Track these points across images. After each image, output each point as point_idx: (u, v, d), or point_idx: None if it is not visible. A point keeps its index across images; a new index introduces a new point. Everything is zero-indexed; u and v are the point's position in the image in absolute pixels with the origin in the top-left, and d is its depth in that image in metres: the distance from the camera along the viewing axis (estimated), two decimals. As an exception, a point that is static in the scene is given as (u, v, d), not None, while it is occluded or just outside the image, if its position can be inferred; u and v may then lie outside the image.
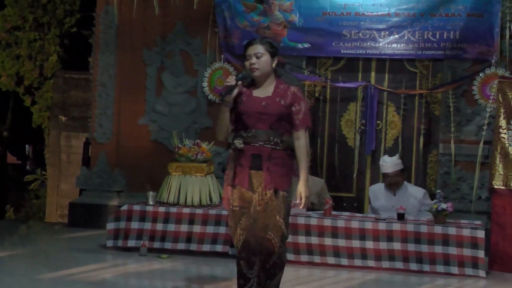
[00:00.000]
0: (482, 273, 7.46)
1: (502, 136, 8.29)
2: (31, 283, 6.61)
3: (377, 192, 8.75)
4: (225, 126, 5.25)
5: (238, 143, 5.17)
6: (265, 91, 5.27)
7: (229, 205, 5.24)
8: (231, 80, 5.16)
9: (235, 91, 5.16)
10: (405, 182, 8.73)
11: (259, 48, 5.24)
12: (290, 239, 7.64)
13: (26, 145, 23.59)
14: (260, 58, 5.23)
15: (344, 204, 9.35)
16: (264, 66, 5.25)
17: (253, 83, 5.32)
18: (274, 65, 5.32)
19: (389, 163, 8.65)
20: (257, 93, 5.27)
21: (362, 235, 7.65)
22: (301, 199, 5.19)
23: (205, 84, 10.11)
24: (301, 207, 5.27)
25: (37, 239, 10.26)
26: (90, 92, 11.06)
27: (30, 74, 14.22)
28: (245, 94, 5.25)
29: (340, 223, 7.73)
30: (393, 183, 8.59)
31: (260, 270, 5.11)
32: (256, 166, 5.13)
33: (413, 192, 8.61)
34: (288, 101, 5.22)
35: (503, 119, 8.31)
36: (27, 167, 21.66)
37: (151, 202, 8.33)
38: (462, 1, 9.36)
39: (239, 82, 5.18)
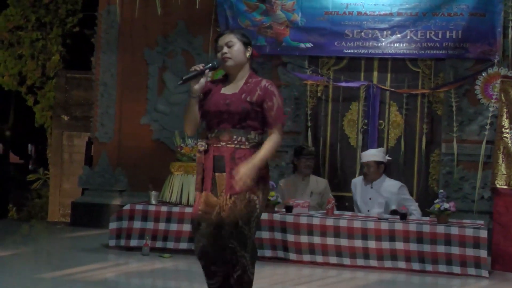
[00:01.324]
0: (484, 272, 7.44)
1: (504, 135, 8.28)
2: (33, 283, 6.61)
3: (357, 185, 8.83)
4: (193, 121, 4.88)
5: (200, 145, 4.83)
6: (235, 86, 4.84)
7: (195, 208, 4.87)
8: (198, 67, 4.77)
9: (202, 80, 4.78)
10: (384, 176, 8.73)
11: (230, 37, 4.83)
12: (292, 238, 7.70)
13: (29, 145, 23.60)
14: (231, 47, 4.81)
15: (347, 204, 9.34)
16: (236, 55, 4.81)
17: (226, 78, 4.94)
18: (248, 55, 4.87)
19: (367, 153, 8.81)
20: (226, 89, 4.86)
21: (365, 234, 7.64)
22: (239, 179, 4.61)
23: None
24: (237, 188, 4.64)
25: (39, 238, 10.27)
26: (92, 91, 11.08)
27: (33, 73, 14.24)
28: (213, 91, 4.89)
29: (343, 223, 7.72)
30: (365, 173, 8.68)
31: (223, 284, 4.79)
32: (220, 168, 4.75)
33: (388, 186, 8.63)
34: (256, 97, 4.74)
35: (506, 118, 8.29)
36: (30, 166, 21.66)
37: (153, 202, 8.33)
38: (465, 1, 9.35)
39: (206, 71, 4.78)
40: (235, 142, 4.75)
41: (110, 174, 10.49)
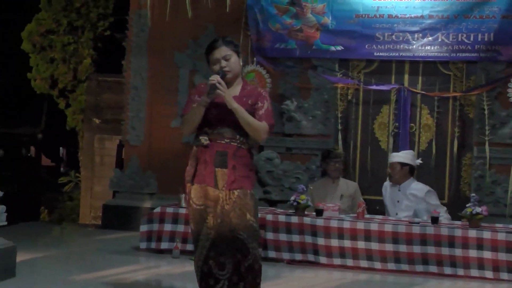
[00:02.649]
0: (517, 277, 7.39)
1: (537, 139, 8.20)
2: (64, 285, 6.65)
3: (387, 187, 8.81)
4: (196, 124, 5.01)
5: (204, 139, 4.99)
6: (233, 91, 5.04)
7: (190, 204, 5.04)
8: (215, 79, 4.90)
9: (218, 92, 4.91)
10: (412, 179, 8.71)
11: (225, 50, 5.02)
12: (322, 242, 7.69)
13: (60, 148, 23.77)
14: (229, 60, 5.02)
15: (377, 207, 9.29)
16: (234, 67, 5.04)
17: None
18: (241, 63, 5.13)
19: (393, 154, 8.86)
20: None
21: (396, 238, 7.60)
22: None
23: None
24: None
25: (70, 240, 10.33)
26: (123, 94, 11.12)
27: (64, 77, 14.34)
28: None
29: (373, 227, 7.69)
30: (389, 174, 8.74)
31: (233, 272, 4.91)
32: (222, 163, 4.95)
33: (415, 189, 8.59)
34: (253, 100, 5.03)
35: (539, 121, 8.22)
36: (61, 169, 21.82)
37: (183, 205, 8.34)
38: (497, 3, 9.29)
39: (223, 82, 4.93)
40: (238, 141, 5.00)
41: (141, 177, 10.53)
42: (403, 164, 8.63)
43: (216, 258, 4.92)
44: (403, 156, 8.71)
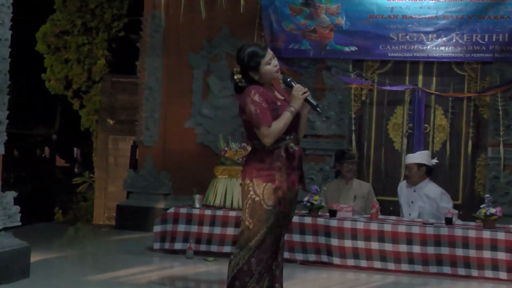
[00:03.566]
0: (531, 278, 7.36)
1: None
2: (79, 285, 6.67)
3: (402, 188, 8.77)
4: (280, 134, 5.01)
5: (293, 145, 5.03)
6: (278, 93, 5.16)
7: (262, 204, 4.98)
8: (306, 90, 5.04)
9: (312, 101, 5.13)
10: (428, 180, 8.65)
11: (270, 51, 5.12)
12: (336, 243, 7.69)
13: (75, 148, 23.84)
14: (275, 59, 5.13)
15: (391, 208, 9.28)
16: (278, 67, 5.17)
17: (260, 86, 5.09)
18: None
19: (409, 155, 8.82)
20: (278, 96, 5.14)
21: (409, 239, 7.58)
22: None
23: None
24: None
25: (85, 241, 10.37)
26: (137, 95, 11.15)
27: (79, 78, 14.37)
28: (274, 97, 5.07)
29: (387, 227, 7.68)
30: (406, 175, 8.70)
31: (265, 265, 5.02)
32: (299, 166, 5.13)
33: (428, 191, 8.56)
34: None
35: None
36: (75, 169, 21.88)
37: (197, 205, 8.36)
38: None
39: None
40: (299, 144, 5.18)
41: (155, 178, 10.55)
42: (419, 165, 8.60)
43: (259, 255, 4.99)
44: (419, 157, 8.68)
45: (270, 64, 5.04)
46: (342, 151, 9.08)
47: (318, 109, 5.14)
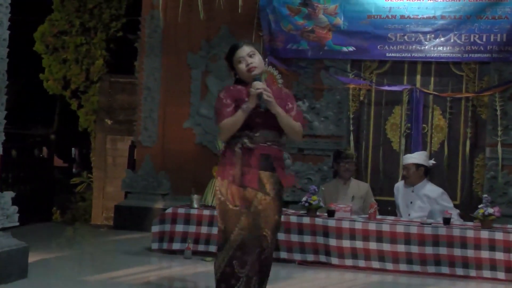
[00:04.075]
0: (529, 278, 7.36)
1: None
2: (77, 285, 6.67)
3: (399, 189, 8.77)
4: (236, 129, 4.96)
5: (249, 142, 4.94)
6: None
7: (226, 204, 4.98)
8: (263, 86, 4.88)
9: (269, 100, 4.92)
10: (426, 181, 8.65)
11: (250, 48, 5.03)
12: (334, 243, 7.69)
13: (73, 148, 23.83)
14: (253, 56, 5.01)
15: (389, 208, 9.28)
16: (259, 64, 5.02)
17: (244, 83, 5.07)
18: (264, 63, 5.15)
19: (407, 156, 8.78)
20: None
21: (408, 239, 7.59)
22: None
23: (249, 87, 10.10)
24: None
25: (83, 241, 10.36)
26: (135, 95, 11.14)
27: (77, 78, 14.37)
28: (247, 96, 4.98)
29: (385, 227, 7.68)
30: (404, 176, 8.65)
31: (251, 269, 4.90)
32: (265, 166, 4.96)
33: (428, 191, 8.56)
34: (283, 101, 5.04)
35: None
36: (73, 170, 21.88)
37: (195, 205, 8.36)
38: (509, 3, 9.28)
39: (267, 88, 4.94)
40: (277, 143, 5.04)
41: (153, 178, 10.55)
42: (418, 165, 8.61)
43: (241, 258, 4.91)
44: (418, 157, 8.68)
45: (242, 63, 5.00)
46: (339, 151, 9.08)
47: (261, 109, 4.90)
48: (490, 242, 7.41)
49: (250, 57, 5.00)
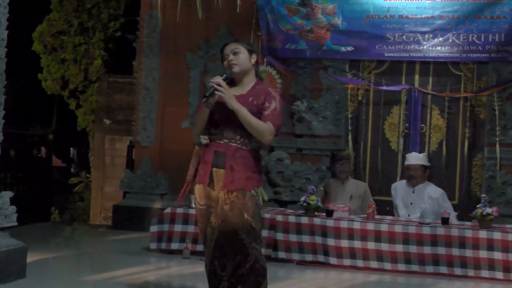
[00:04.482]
0: (527, 278, 7.37)
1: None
2: (75, 285, 6.66)
3: (398, 189, 8.77)
4: (202, 125, 4.95)
5: (204, 138, 4.99)
6: (242, 89, 4.97)
7: (196, 203, 5.05)
8: (216, 80, 4.81)
9: (218, 94, 4.80)
10: (427, 182, 8.67)
11: (236, 45, 5.00)
12: (333, 242, 7.68)
13: (71, 148, 23.83)
14: (237, 54, 4.96)
15: (388, 208, 9.29)
16: (242, 62, 4.96)
17: (232, 82, 5.00)
18: (253, 61, 5.01)
19: (413, 156, 8.74)
20: (233, 91, 4.91)
21: (406, 239, 7.59)
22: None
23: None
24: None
25: (81, 241, 10.36)
26: (134, 95, 11.15)
27: (75, 78, 14.38)
28: None
29: (384, 227, 7.68)
30: (412, 176, 8.60)
31: (232, 274, 4.86)
32: (219, 163, 4.89)
33: (431, 192, 8.57)
34: (260, 100, 4.89)
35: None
36: (72, 170, 21.87)
37: (194, 205, 8.34)
38: (508, 3, 9.29)
39: (223, 82, 4.84)
40: (238, 142, 4.92)
41: (152, 178, 10.55)
42: (425, 167, 8.63)
43: (220, 259, 4.91)
44: (424, 158, 8.70)
45: (225, 60, 5.00)
46: (333, 153, 9.07)
47: (205, 99, 4.80)
48: (489, 242, 7.41)
49: (234, 54, 4.97)
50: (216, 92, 4.77)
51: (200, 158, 5.03)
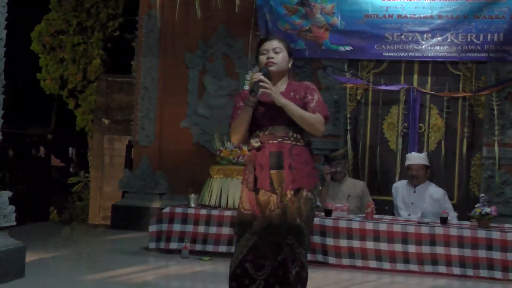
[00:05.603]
0: (526, 278, 7.37)
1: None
2: (74, 285, 6.66)
3: (398, 188, 8.77)
4: (245, 128, 4.81)
5: (255, 141, 4.76)
6: (279, 88, 4.84)
7: (240, 208, 4.84)
8: (257, 76, 4.71)
9: (263, 90, 4.70)
10: (428, 182, 8.68)
11: (277, 44, 4.87)
12: (331, 242, 7.69)
13: (70, 148, 23.81)
14: (278, 53, 4.83)
15: (386, 208, 9.29)
16: (281, 62, 4.84)
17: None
18: (290, 65, 4.91)
19: (414, 156, 8.75)
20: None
21: (405, 239, 7.59)
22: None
23: (246, 87, 10.10)
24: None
25: (80, 241, 10.35)
26: (133, 95, 11.15)
27: (74, 77, 14.36)
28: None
29: (382, 227, 7.68)
30: (414, 176, 8.59)
31: (271, 274, 4.71)
32: (277, 164, 4.70)
33: (432, 192, 8.58)
34: (301, 94, 4.80)
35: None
36: (71, 169, 21.85)
37: (192, 205, 8.36)
38: (506, 3, 9.28)
39: (266, 79, 4.72)
40: (292, 138, 4.76)
41: (150, 177, 10.55)
42: (426, 167, 8.65)
43: (254, 261, 4.73)
44: (425, 159, 8.70)
45: (264, 55, 4.87)
46: (326, 154, 9.06)
47: (252, 94, 4.68)
48: (487, 241, 7.42)
49: (275, 53, 4.84)
50: (261, 89, 4.67)
51: (254, 163, 4.79)
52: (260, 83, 4.67)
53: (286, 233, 4.67)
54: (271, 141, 4.75)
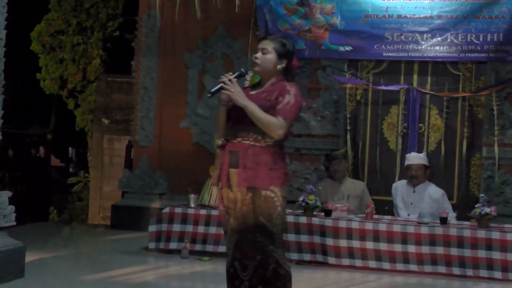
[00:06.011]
0: (526, 278, 7.37)
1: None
2: (74, 285, 6.67)
3: (398, 188, 8.77)
4: (222, 125, 4.88)
5: (221, 140, 4.87)
6: (261, 89, 4.87)
7: (219, 206, 4.95)
8: (226, 77, 4.73)
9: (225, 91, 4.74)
10: (428, 182, 8.68)
11: (266, 44, 4.88)
12: (331, 242, 7.68)
13: (69, 148, 23.81)
14: (265, 54, 4.84)
15: (386, 208, 9.29)
16: (265, 64, 4.84)
17: (258, 83, 4.95)
18: (279, 67, 4.85)
19: (414, 156, 8.75)
20: (253, 91, 4.88)
21: (404, 239, 7.59)
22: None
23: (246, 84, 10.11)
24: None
25: (80, 241, 10.36)
26: (132, 95, 11.15)
27: (74, 77, 14.34)
28: (247, 95, 4.83)
29: (382, 227, 7.69)
30: (413, 176, 8.59)
31: (253, 275, 4.75)
32: (234, 163, 4.77)
33: (431, 192, 8.58)
34: (273, 95, 4.75)
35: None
36: (70, 169, 21.85)
37: (192, 205, 8.36)
38: (506, 3, 9.28)
39: (234, 79, 4.74)
40: (251, 138, 4.78)
41: (150, 177, 10.55)
42: (426, 167, 8.65)
43: (240, 260, 4.80)
44: (425, 159, 8.71)
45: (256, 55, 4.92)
46: (327, 154, 9.07)
47: (208, 95, 4.80)
48: (487, 241, 7.42)
49: (262, 53, 4.88)
50: (223, 90, 4.71)
51: (218, 160, 4.91)
52: (222, 85, 4.71)
53: (254, 231, 4.72)
54: (232, 140, 4.83)
